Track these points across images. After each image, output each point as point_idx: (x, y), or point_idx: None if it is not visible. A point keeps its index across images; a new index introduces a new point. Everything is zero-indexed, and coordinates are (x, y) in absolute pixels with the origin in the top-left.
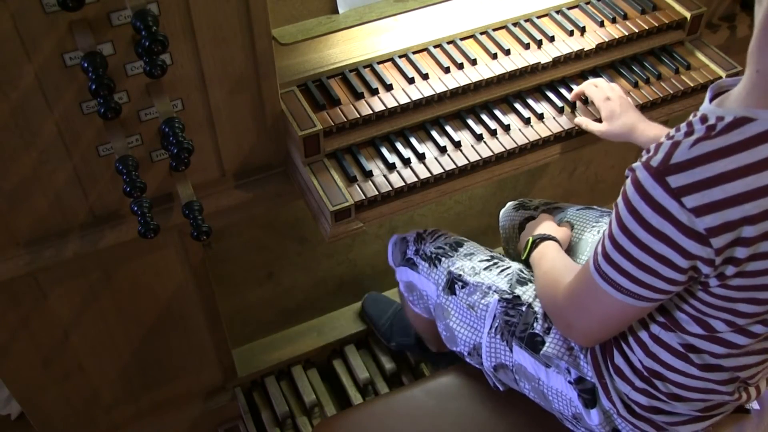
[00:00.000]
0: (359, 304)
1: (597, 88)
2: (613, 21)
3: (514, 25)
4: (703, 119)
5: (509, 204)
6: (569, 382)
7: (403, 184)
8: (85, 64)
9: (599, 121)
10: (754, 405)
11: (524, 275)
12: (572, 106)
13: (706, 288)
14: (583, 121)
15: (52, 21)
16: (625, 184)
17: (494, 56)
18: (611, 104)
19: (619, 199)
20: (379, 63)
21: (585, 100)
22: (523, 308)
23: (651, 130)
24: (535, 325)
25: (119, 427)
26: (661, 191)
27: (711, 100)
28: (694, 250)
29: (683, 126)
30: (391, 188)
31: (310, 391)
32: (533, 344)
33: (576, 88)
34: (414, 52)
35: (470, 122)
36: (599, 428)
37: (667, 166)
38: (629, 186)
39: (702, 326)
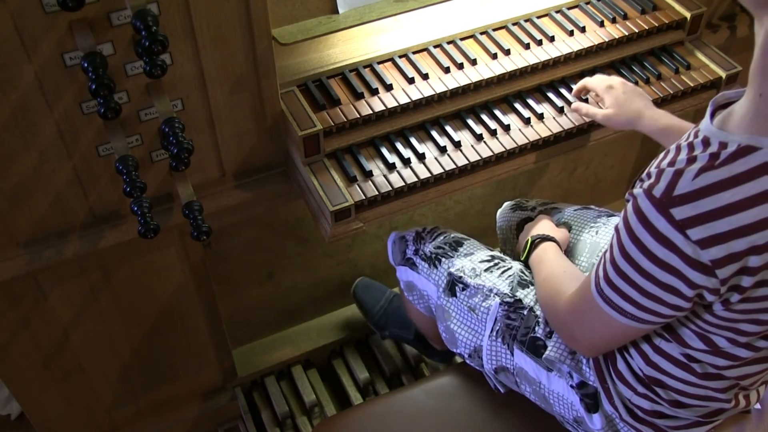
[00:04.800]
0: None
1: (596, 79)
2: (613, 21)
3: (514, 25)
4: (705, 142)
5: (506, 204)
6: (571, 386)
7: (403, 184)
8: (85, 64)
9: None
10: (755, 405)
11: (525, 277)
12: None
13: (710, 310)
14: (583, 107)
15: (52, 21)
16: (626, 210)
17: (494, 56)
18: (614, 92)
19: (621, 225)
20: (379, 63)
21: (586, 100)
22: (525, 312)
23: (660, 120)
24: (536, 328)
25: (119, 427)
26: (665, 223)
27: (712, 115)
28: (700, 280)
29: (684, 147)
30: (391, 188)
31: (310, 391)
32: (535, 348)
33: (576, 86)
34: (414, 52)
35: (470, 122)
36: None
37: (670, 197)
38: (631, 214)
39: (705, 342)
